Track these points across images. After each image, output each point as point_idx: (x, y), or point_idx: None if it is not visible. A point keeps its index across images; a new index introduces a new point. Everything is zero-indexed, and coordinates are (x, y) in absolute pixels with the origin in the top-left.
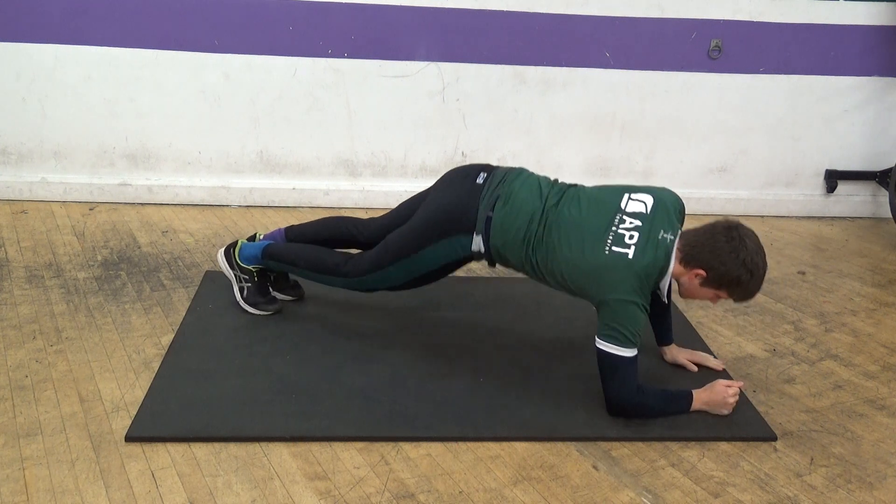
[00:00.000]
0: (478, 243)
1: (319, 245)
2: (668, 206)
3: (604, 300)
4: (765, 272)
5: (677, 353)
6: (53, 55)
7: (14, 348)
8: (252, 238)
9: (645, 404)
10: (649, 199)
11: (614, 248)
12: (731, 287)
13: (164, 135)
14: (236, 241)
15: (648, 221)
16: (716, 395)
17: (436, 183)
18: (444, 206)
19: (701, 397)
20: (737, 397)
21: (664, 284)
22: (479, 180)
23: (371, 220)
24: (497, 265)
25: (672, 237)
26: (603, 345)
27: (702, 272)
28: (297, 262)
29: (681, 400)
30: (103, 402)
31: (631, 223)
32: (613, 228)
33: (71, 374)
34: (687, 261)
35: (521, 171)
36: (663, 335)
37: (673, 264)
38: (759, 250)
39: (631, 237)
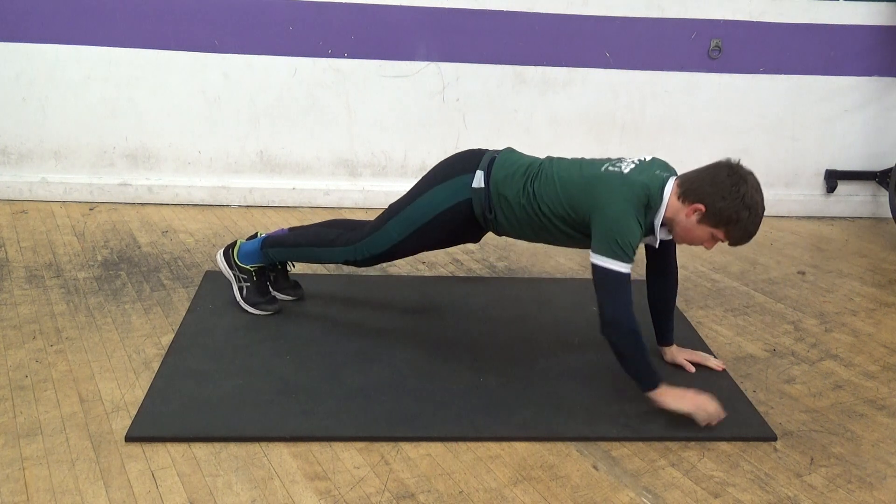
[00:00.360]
0: (479, 179)
1: None
2: (664, 162)
3: (597, 208)
4: (763, 212)
5: (676, 354)
6: (53, 55)
7: (14, 348)
8: (253, 237)
9: (635, 335)
10: (647, 157)
11: (610, 168)
12: (729, 224)
13: (164, 135)
14: (235, 242)
15: (645, 163)
16: (689, 400)
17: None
18: (449, 160)
19: (673, 392)
20: (710, 418)
21: (658, 218)
22: (486, 149)
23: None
24: (491, 213)
25: (667, 175)
26: (597, 258)
27: (700, 207)
28: (297, 242)
29: (652, 373)
30: (103, 402)
31: (629, 161)
32: (611, 161)
33: (71, 374)
34: (686, 195)
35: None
36: (664, 335)
37: (669, 198)
38: (759, 189)
39: (627, 165)
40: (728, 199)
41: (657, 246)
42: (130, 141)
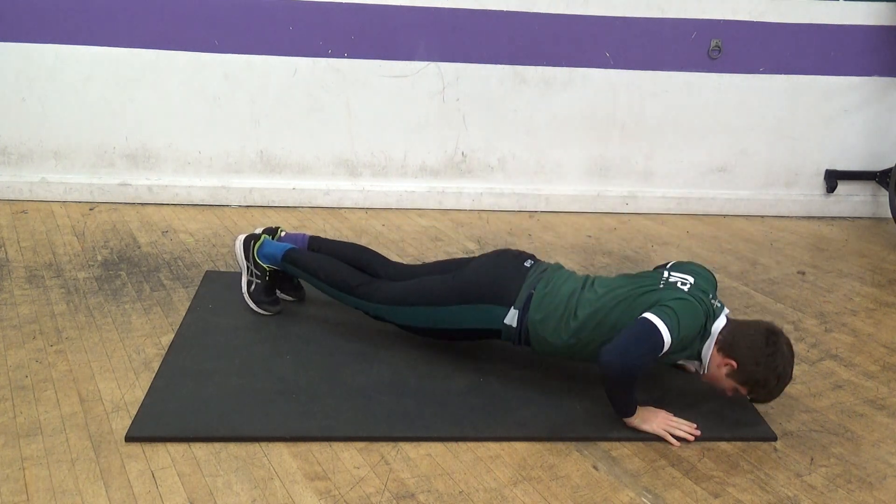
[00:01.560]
0: (512, 317)
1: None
2: (707, 278)
3: (662, 301)
4: (789, 382)
5: None
6: (53, 55)
7: (14, 348)
8: (273, 232)
9: (631, 381)
10: (691, 277)
11: (666, 287)
12: (755, 387)
13: (164, 135)
14: (259, 235)
15: (695, 284)
16: (658, 424)
17: (483, 255)
18: (490, 275)
19: (643, 415)
20: (677, 430)
21: (707, 351)
22: (527, 264)
23: (399, 263)
24: (523, 344)
25: (719, 305)
26: (648, 314)
27: (733, 364)
28: (317, 273)
29: (633, 405)
30: (103, 402)
31: (678, 277)
32: (664, 278)
33: (71, 374)
34: (723, 348)
35: (561, 266)
36: None
37: (716, 337)
38: (792, 360)
39: (683, 283)
40: (761, 365)
41: (702, 372)
42: (130, 141)
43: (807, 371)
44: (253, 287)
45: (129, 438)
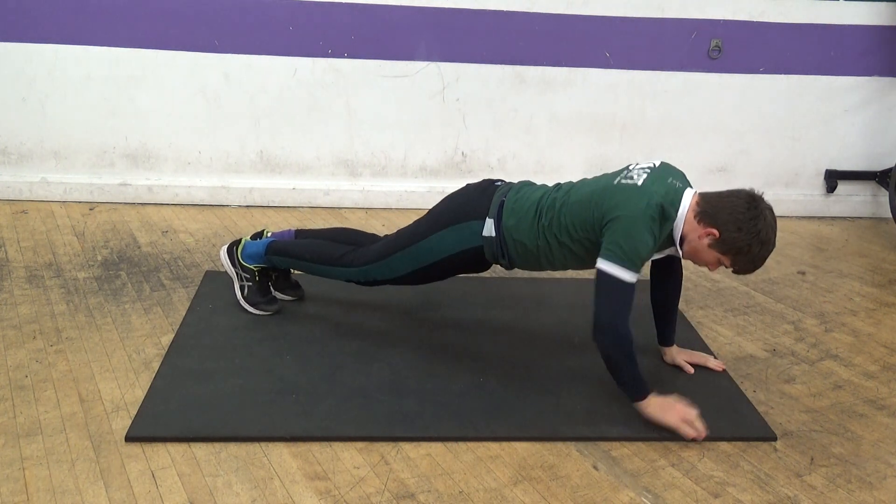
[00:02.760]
0: (489, 227)
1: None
2: (673, 167)
3: (611, 219)
4: (772, 249)
5: (676, 354)
6: (53, 55)
7: (14, 348)
8: (259, 235)
9: (626, 344)
10: (656, 162)
11: (623, 181)
12: (738, 255)
13: (164, 135)
14: (239, 239)
15: (656, 171)
16: (674, 415)
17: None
18: (460, 198)
19: (659, 403)
20: (695, 436)
21: (677, 230)
22: (496, 184)
23: (385, 235)
24: (505, 258)
25: (681, 186)
26: (604, 263)
27: (714, 232)
28: (302, 255)
29: (640, 383)
30: (103, 402)
31: (640, 170)
32: (623, 173)
33: (71, 374)
34: (702, 217)
35: (531, 182)
36: (666, 336)
37: (685, 213)
38: (774, 227)
39: (639, 175)
40: (743, 230)
41: (681, 256)
42: (130, 141)
43: (807, 371)
44: (246, 291)
45: (129, 438)
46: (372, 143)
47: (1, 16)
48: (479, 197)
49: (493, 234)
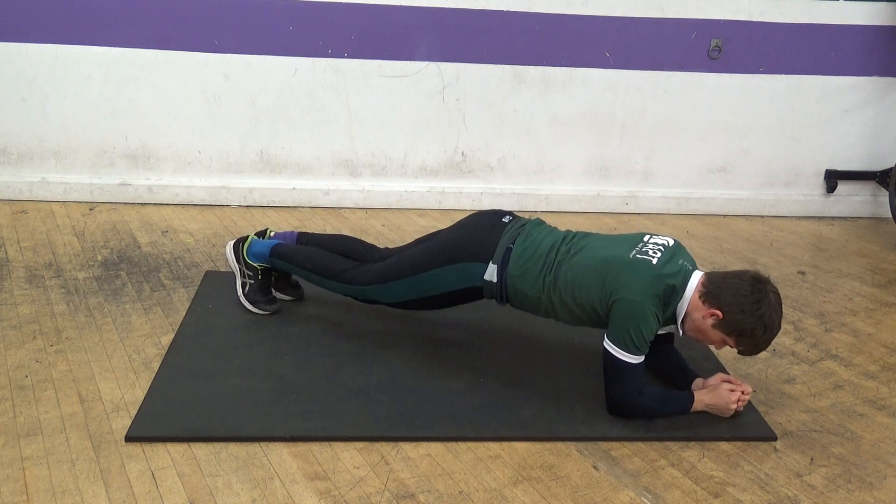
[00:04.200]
0: (491, 273)
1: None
2: (684, 249)
3: (619, 299)
4: (777, 332)
5: (709, 380)
6: (53, 55)
7: (14, 348)
8: (263, 234)
9: (645, 406)
10: (669, 240)
11: (638, 256)
12: (742, 337)
13: (164, 135)
14: (247, 236)
15: (670, 250)
16: (718, 399)
17: (460, 220)
18: (465, 234)
19: (703, 399)
20: (742, 404)
21: (680, 310)
22: (504, 220)
23: (386, 249)
24: (505, 302)
25: (691, 268)
26: (611, 346)
27: (718, 313)
28: (304, 264)
29: (682, 401)
30: (103, 402)
31: (655, 246)
32: (639, 246)
33: (71, 374)
34: (707, 298)
35: (542, 221)
36: (687, 378)
37: (691, 295)
38: (779, 309)
39: (655, 253)
40: (747, 313)
41: (680, 335)
42: (130, 141)
43: (807, 371)
44: (247, 288)
45: (129, 438)
46: (372, 143)
47: (1, 16)
48: (487, 237)
49: (495, 280)
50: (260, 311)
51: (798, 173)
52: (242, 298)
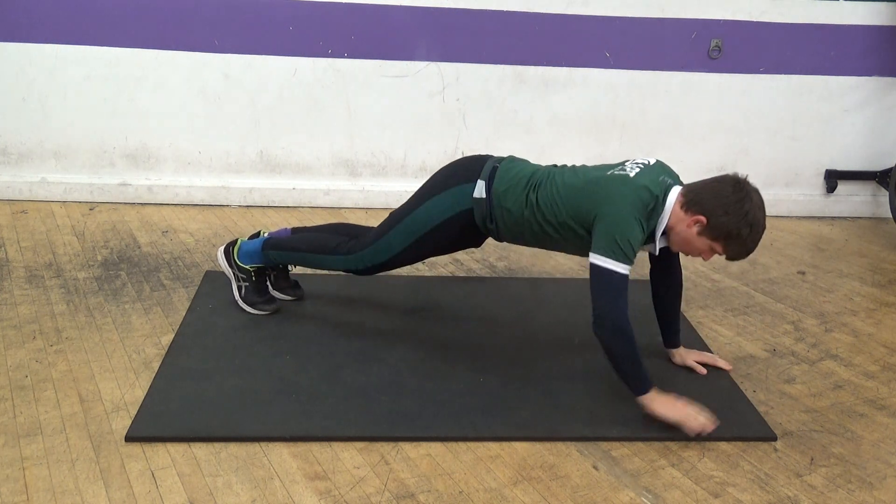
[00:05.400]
0: (480, 189)
1: None
2: (667, 167)
3: (601, 213)
4: (763, 231)
5: (686, 355)
6: (53, 55)
7: (14, 348)
8: (256, 236)
9: (624, 334)
10: (651, 160)
11: (615, 173)
12: (729, 240)
13: (164, 135)
14: (236, 240)
15: (651, 168)
16: (679, 409)
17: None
18: (451, 166)
19: (663, 399)
20: (701, 428)
21: (660, 225)
22: (489, 155)
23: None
24: (494, 226)
25: (671, 182)
26: (596, 257)
27: (702, 219)
28: (297, 247)
29: (642, 380)
30: (103, 402)
31: (633, 165)
32: (618, 167)
33: (71, 374)
34: (689, 206)
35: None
36: (671, 337)
37: (672, 206)
38: (762, 208)
39: (633, 169)
40: (731, 214)
41: (656, 254)
42: (130, 141)
43: (807, 371)
44: (244, 291)
45: (129, 438)
46: (372, 143)
47: (1, 16)
48: (473, 163)
49: (483, 195)
50: (259, 312)
51: (798, 173)
52: (240, 301)
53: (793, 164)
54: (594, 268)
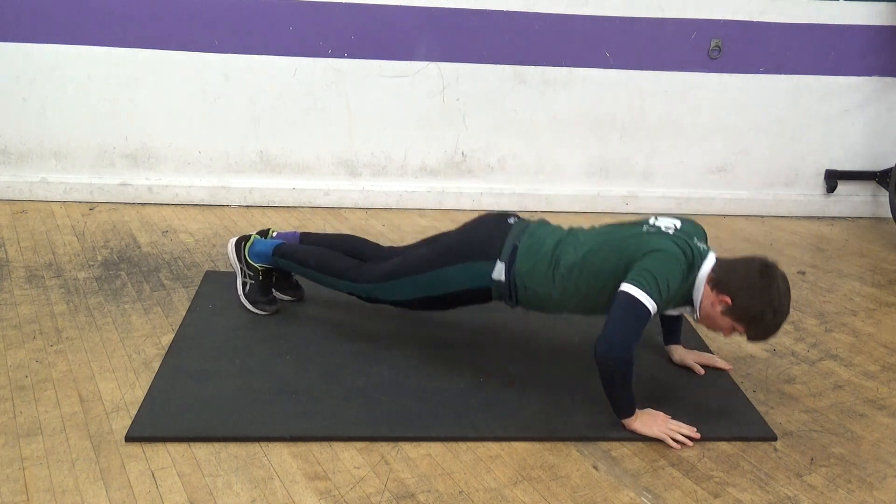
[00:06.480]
0: (499, 270)
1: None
2: (695, 225)
3: (645, 253)
4: (786, 317)
5: (685, 355)
6: (53, 55)
7: (14, 348)
8: (265, 234)
9: (628, 366)
10: (677, 222)
11: (650, 230)
12: (751, 323)
13: (164, 135)
14: (249, 236)
15: (681, 229)
16: (660, 426)
17: (466, 222)
18: (472, 234)
19: (645, 417)
20: (677, 434)
21: (697, 290)
22: (510, 220)
23: (390, 248)
24: (515, 303)
25: (705, 248)
26: (629, 287)
27: (727, 300)
28: (307, 262)
29: (631, 402)
30: (103, 402)
31: (665, 224)
32: (649, 224)
33: (71, 374)
34: (716, 284)
35: (546, 221)
36: (672, 334)
37: (704, 276)
38: (788, 294)
39: (667, 228)
40: (756, 298)
41: (696, 320)
42: (130, 141)
43: (807, 371)
44: (248, 288)
45: (129, 438)
46: (372, 143)
47: (1, 16)
48: (493, 236)
49: (503, 278)
50: (260, 312)
51: (798, 173)
52: (242, 298)
53: (793, 164)
54: (623, 294)
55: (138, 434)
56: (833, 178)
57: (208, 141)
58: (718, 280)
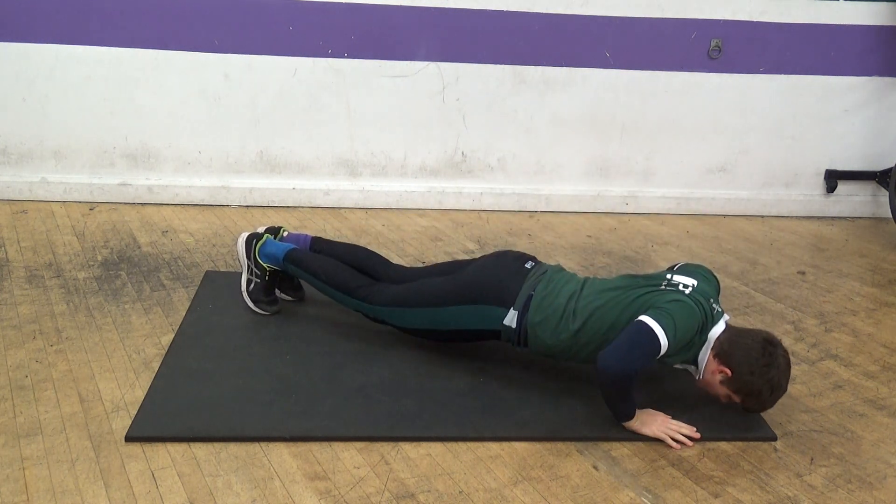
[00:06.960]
0: (511, 318)
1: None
2: (710, 282)
3: (658, 305)
4: (783, 394)
5: None
6: (53, 55)
7: (14, 348)
8: (276, 231)
9: (631, 382)
10: (694, 281)
11: (667, 287)
12: (748, 396)
13: (164, 135)
14: (262, 235)
15: (698, 289)
16: (660, 425)
17: (484, 256)
18: (489, 276)
19: (645, 417)
20: (677, 434)
21: (703, 356)
22: (528, 266)
23: (402, 266)
24: (521, 346)
25: (720, 310)
26: (646, 318)
27: (727, 372)
28: (318, 275)
29: (631, 410)
30: (103, 402)
31: (684, 282)
32: (667, 279)
33: (71, 374)
34: (719, 355)
35: (561, 268)
36: None
37: (712, 342)
38: (787, 372)
39: (685, 287)
40: (755, 374)
41: (698, 379)
42: (130, 141)
43: (807, 371)
44: (252, 286)
45: (129, 438)
46: (372, 143)
47: (1, 16)
48: (509, 282)
49: (514, 325)
50: (261, 311)
51: (798, 173)
52: (245, 295)
53: (793, 164)
54: (640, 322)
55: (138, 434)
56: (833, 178)
57: (208, 141)
58: (722, 351)
